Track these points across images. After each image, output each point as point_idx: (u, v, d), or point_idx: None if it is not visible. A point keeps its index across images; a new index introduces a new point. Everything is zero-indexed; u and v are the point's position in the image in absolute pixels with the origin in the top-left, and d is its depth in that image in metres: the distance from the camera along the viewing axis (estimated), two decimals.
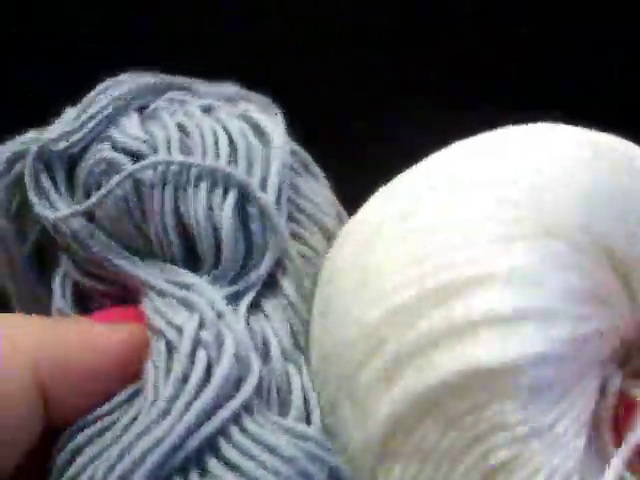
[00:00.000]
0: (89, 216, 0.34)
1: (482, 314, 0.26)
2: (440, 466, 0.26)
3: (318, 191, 0.36)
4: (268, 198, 0.33)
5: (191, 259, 0.34)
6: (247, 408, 0.29)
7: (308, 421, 0.30)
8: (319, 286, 0.32)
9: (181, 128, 0.34)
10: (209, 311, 0.30)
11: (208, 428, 0.28)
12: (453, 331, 0.26)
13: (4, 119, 0.37)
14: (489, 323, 0.26)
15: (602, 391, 0.28)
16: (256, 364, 0.29)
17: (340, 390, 0.29)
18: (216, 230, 0.33)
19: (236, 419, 0.28)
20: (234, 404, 0.28)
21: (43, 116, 0.36)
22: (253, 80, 0.37)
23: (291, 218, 0.34)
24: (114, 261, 0.33)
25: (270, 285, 0.33)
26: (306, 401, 0.30)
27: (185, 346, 0.29)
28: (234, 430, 0.28)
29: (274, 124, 0.35)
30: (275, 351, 0.31)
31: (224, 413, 0.28)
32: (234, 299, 0.33)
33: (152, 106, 0.35)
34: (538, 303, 0.26)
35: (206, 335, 0.29)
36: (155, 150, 0.33)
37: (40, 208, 0.34)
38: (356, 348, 0.28)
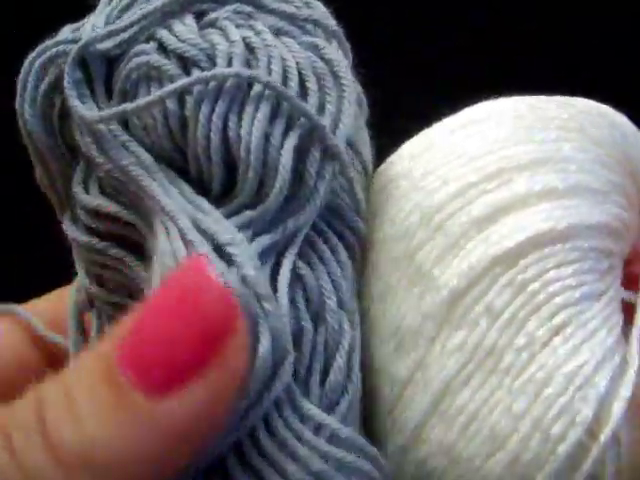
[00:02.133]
0: (124, 124, 0.29)
1: (543, 188, 0.29)
2: (508, 328, 0.28)
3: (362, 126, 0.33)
4: (341, 145, 0.28)
5: (226, 189, 0.29)
6: (278, 407, 0.26)
7: (349, 379, 0.28)
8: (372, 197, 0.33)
9: (246, 43, 0.29)
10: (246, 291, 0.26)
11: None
12: (517, 202, 0.29)
13: None
14: (550, 195, 0.29)
15: None
16: (290, 361, 0.26)
17: (396, 272, 0.30)
18: (266, 165, 0.28)
19: (265, 419, 0.26)
20: (265, 404, 0.26)
21: None
22: None
23: None
24: (141, 181, 0.29)
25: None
26: (350, 359, 0.29)
27: None
28: (262, 434, 0.26)
29: (342, 59, 0.31)
30: (331, 303, 0.29)
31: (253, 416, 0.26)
32: (274, 251, 0.29)
33: (214, 14, 0.30)
34: (593, 185, 0.30)
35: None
36: (212, 61, 0.29)
37: (80, 109, 0.29)
38: (418, 230, 0.30)
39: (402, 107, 0.33)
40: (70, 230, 0.31)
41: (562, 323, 0.28)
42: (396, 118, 0.35)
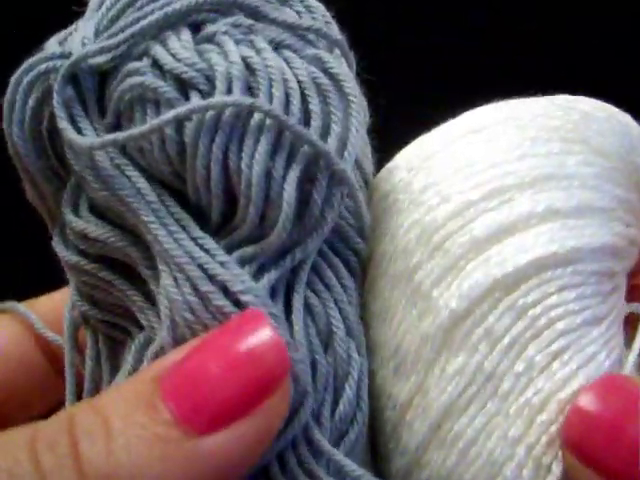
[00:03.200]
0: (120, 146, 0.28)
1: (546, 208, 0.28)
2: (508, 352, 0.28)
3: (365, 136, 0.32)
4: (348, 169, 0.27)
5: (226, 218, 0.28)
6: (293, 444, 0.27)
7: (358, 407, 0.29)
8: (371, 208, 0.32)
9: (246, 64, 0.27)
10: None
11: None
12: (520, 223, 0.28)
13: None
14: (553, 216, 0.28)
15: None
16: (310, 387, 0.27)
17: (394, 290, 0.30)
18: (268, 199, 0.27)
19: (280, 455, 0.26)
20: (281, 444, 0.26)
21: None
22: None
23: None
24: (141, 215, 0.27)
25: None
26: (359, 388, 0.29)
27: None
28: (275, 471, 0.26)
29: (348, 71, 0.29)
30: (339, 332, 0.28)
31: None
32: (282, 282, 0.28)
33: (212, 27, 0.28)
34: (597, 203, 0.29)
35: None
36: (211, 83, 0.27)
37: (70, 134, 0.27)
38: (417, 248, 0.29)
39: (399, 110, 0.32)
40: (59, 249, 0.30)
41: (561, 348, 0.28)
42: (394, 121, 0.33)
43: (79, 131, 0.28)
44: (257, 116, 0.27)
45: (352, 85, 0.28)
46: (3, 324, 0.36)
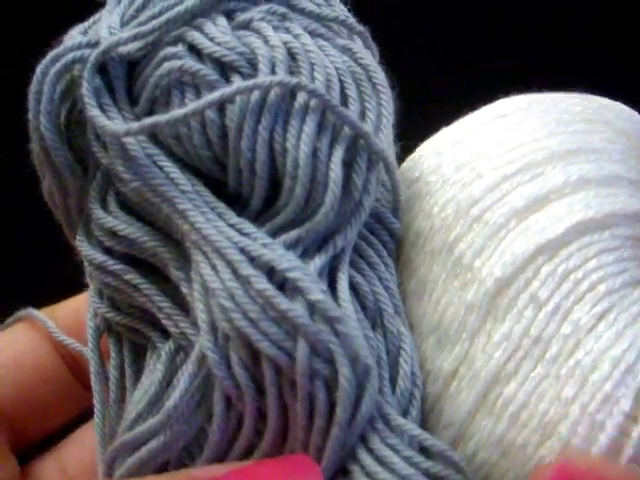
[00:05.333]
0: (150, 134, 0.27)
1: (579, 178, 0.30)
2: (553, 316, 0.28)
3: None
4: (387, 151, 0.27)
5: (265, 205, 0.28)
6: (371, 423, 0.26)
7: (414, 385, 0.28)
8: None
9: (288, 49, 0.27)
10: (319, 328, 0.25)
11: None
12: (554, 193, 0.29)
13: None
14: (586, 185, 0.30)
15: None
16: (375, 374, 0.26)
17: (432, 266, 0.30)
18: (314, 180, 0.27)
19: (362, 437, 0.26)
20: (359, 425, 0.26)
21: None
22: None
23: None
24: (177, 204, 0.26)
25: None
26: (413, 364, 0.28)
27: (301, 372, 0.25)
28: (362, 453, 0.26)
29: (375, 62, 0.30)
30: (388, 309, 0.28)
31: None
32: (326, 267, 0.27)
33: (246, 14, 0.28)
34: (626, 175, 0.31)
35: (320, 365, 0.25)
36: (254, 67, 0.27)
37: (103, 121, 0.26)
38: (455, 222, 0.30)
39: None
40: (84, 248, 0.29)
41: (605, 310, 0.28)
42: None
43: (109, 120, 0.27)
44: (300, 97, 0.27)
45: (381, 76, 0.29)
46: (20, 332, 0.35)
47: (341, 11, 0.31)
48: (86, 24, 0.29)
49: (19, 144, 0.29)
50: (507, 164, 0.30)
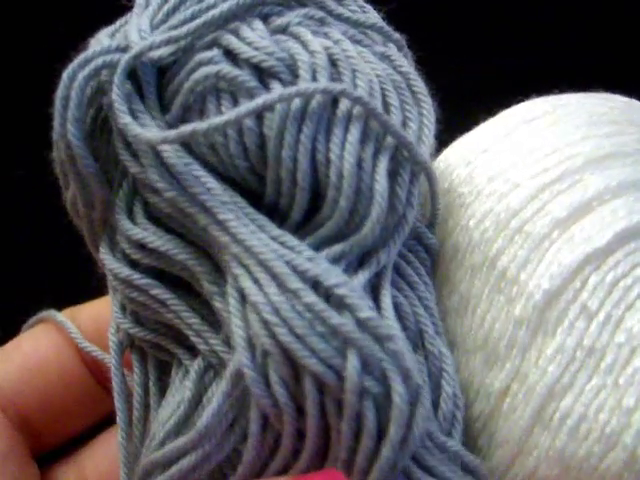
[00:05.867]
0: (183, 144, 0.26)
1: (618, 183, 0.29)
2: (606, 326, 0.27)
3: None
4: (430, 162, 0.26)
5: (305, 217, 0.27)
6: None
7: (456, 407, 0.27)
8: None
9: (329, 55, 0.26)
10: (370, 343, 0.24)
11: None
12: (595, 200, 0.29)
13: None
14: (626, 190, 0.29)
15: None
16: (426, 393, 0.25)
17: (474, 281, 0.29)
18: (359, 191, 0.26)
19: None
20: (411, 445, 0.24)
21: None
22: None
23: None
24: (217, 214, 0.25)
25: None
26: (454, 386, 0.28)
27: (351, 390, 0.23)
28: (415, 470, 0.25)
29: (413, 69, 0.29)
30: (429, 329, 0.27)
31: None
32: (373, 285, 0.27)
33: (282, 18, 0.27)
34: None
35: (371, 382, 0.24)
36: (294, 74, 0.26)
37: (136, 129, 0.25)
38: (495, 235, 0.29)
39: None
40: (108, 261, 0.28)
41: None
42: None
43: (141, 127, 0.26)
44: (343, 105, 0.26)
45: (421, 84, 0.28)
46: (42, 335, 0.33)
47: (376, 18, 0.30)
48: (113, 27, 0.28)
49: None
50: (544, 172, 0.30)
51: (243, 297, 0.25)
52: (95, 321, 0.33)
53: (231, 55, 0.26)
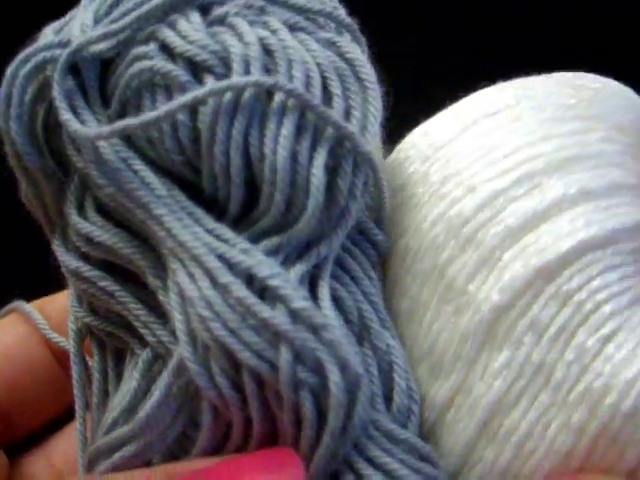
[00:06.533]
0: (124, 137, 0.26)
1: (578, 191, 0.28)
2: (556, 342, 0.26)
3: None
4: (372, 153, 0.26)
5: (244, 210, 0.27)
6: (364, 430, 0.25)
7: (412, 399, 0.27)
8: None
9: (263, 45, 0.26)
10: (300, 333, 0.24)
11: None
12: (553, 208, 0.27)
13: None
14: (586, 198, 0.28)
15: None
16: (367, 381, 0.25)
17: (424, 287, 0.28)
18: (294, 185, 0.25)
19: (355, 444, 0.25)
20: (353, 432, 0.25)
21: None
22: None
23: None
24: (152, 209, 0.25)
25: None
26: (408, 378, 0.27)
27: (285, 382, 0.24)
28: (356, 459, 0.25)
29: (363, 56, 0.28)
30: (374, 324, 0.27)
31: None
32: (308, 276, 0.26)
33: (221, 8, 0.27)
34: (626, 180, 0.28)
35: (306, 374, 0.24)
36: (227, 66, 0.25)
37: (74, 125, 0.25)
38: (446, 242, 0.28)
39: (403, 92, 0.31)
40: (59, 253, 0.28)
41: (613, 331, 0.26)
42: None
43: (82, 123, 0.26)
44: (278, 97, 0.25)
45: (368, 71, 0.27)
46: (10, 325, 0.35)
47: (330, 2, 0.29)
48: (61, 22, 0.28)
49: None
50: (500, 175, 0.28)
51: (182, 291, 0.25)
52: (65, 311, 0.34)
53: (167, 49, 0.26)
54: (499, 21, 0.56)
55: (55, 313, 0.34)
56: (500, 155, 0.28)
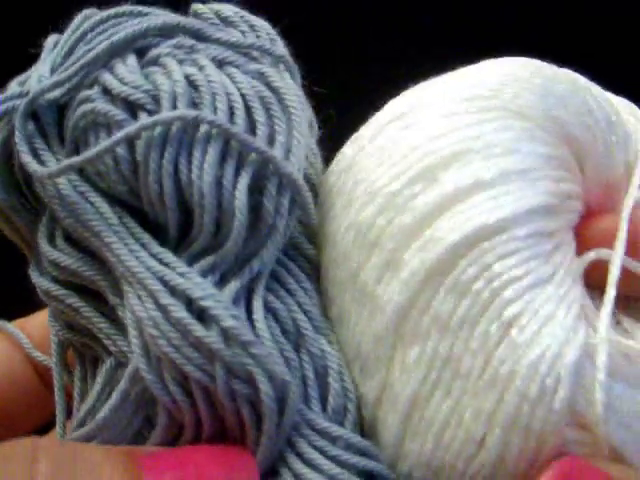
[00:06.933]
0: (81, 173, 0.29)
1: (470, 182, 0.28)
2: (459, 333, 0.27)
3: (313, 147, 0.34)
4: (295, 173, 0.28)
5: (184, 232, 0.29)
6: (297, 429, 0.28)
7: (347, 398, 0.29)
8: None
9: (190, 81, 0.28)
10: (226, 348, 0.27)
11: None
12: (448, 201, 0.28)
13: None
14: (478, 188, 0.28)
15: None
16: (294, 387, 0.27)
17: (345, 294, 0.30)
18: (221, 207, 0.28)
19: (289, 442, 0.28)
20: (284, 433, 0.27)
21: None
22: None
23: None
24: (104, 238, 0.29)
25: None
26: (343, 379, 0.29)
27: (222, 393, 0.27)
28: (290, 456, 0.28)
29: (290, 85, 0.30)
30: (308, 332, 0.29)
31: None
32: (244, 291, 0.29)
33: (155, 50, 0.30)
34: (519, 166, 0.29)
35: (239, 385, 0.27)
36: (157, 103, 0.28)
37: (32, 166, 0.29)
38: (355, 250, 0.29)
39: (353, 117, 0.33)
40: (34, 276, 0.32)
41: (514, 316, 0.27)
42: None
43: (42, 164, 0.29)
44: (203, 128, 0.28)
45: (294, 98, 0.30)
46: None
47: (266, 36, 0.31)
48: (24, 75, 0.31)
49: None
50: (397, 178, 0.29)
51: (134, 311, 0.28)
52: (45, 328, 0.37)
53: (107, 91, 0.29)
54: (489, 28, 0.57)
55: (37, 331, 0.37)
56: (398, 157, 0.30)
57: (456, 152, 0.29)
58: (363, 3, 0.58)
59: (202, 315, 0.27)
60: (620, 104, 0.33)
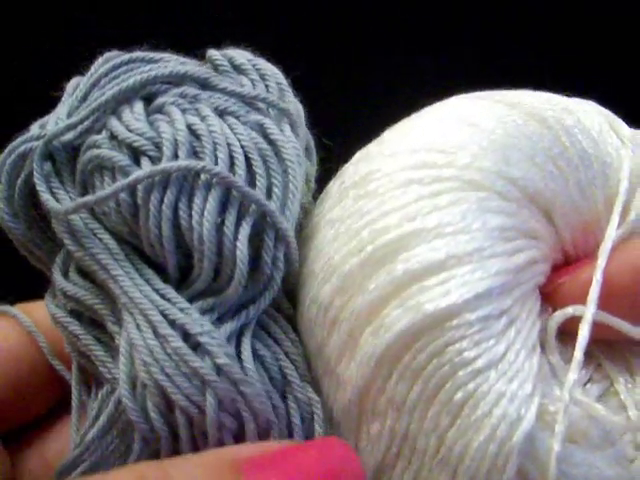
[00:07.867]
0: (91, 211, 0.31)
1: (419, 265, 0.28)
2: (413, 414, 0.28)
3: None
4: (289, 228, 0.30)
5: (184, 272, 0.31)
6: None
7: None
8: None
9: (192, 130, 0.30)
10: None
11: None
12: (398, 287, 0.28)
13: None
14: (428, 272, 0.28)
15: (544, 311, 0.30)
16: (273, 417, 0.29)
17: (315, 365, 0.31)
18: (221, 254, 0.29)
19: None
20: None
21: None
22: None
23: None
24: (110, 270, 0.30)
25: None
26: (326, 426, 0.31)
27: (210, 424, 0.28)
28: None
29: (289, 138, 0.31)
30: (295, 379, 0.30)
31: None
32: (238, 335, 0.30)
33: (161, 98, 0.31)
34: (470, 246, 0.28)
35: (227, 419, 0.29)
36: (159, 150, 0.30)
37: (50, 203, 0.30)
38: (317, 326, 0.30)
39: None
40: (47, 301, 0.33)
41: (465, 398, 0.27)
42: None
43: (58, 201, 0.31)
44: (204, 176, 0.29)
45: (291, 151, 0.31)
46: (1, 326, 0.37)
47: (275, 86, 0.32)
48: (45, 119, 0.33)
49: None
50: (350, 257, 0.30)
51: (130, 339, 0.30)
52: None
53: (114, 137, 0.30)
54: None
55: (38, 317, 0.37)
56: (353, 232, 0.30)
57: (407, 232, 0.29)
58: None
59: (197, 349, 0.29)
60: (603, 121, 0.32)
